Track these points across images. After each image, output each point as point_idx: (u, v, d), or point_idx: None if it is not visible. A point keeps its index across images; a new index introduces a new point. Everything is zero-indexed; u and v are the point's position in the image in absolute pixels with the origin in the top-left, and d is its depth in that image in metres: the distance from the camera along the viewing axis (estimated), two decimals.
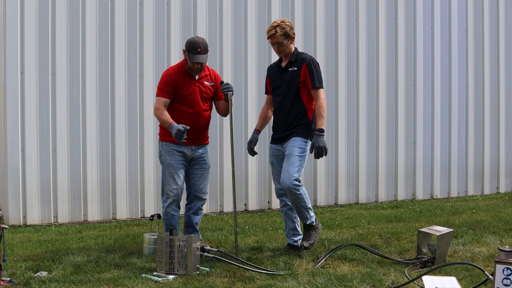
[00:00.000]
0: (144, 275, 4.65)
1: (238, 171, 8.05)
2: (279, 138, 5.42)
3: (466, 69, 10.16)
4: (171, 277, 4.59)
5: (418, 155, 9.71)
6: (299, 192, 5.17)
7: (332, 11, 8.99)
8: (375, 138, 9.34)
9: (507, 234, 6.22)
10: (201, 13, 8.10)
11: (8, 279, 4.48)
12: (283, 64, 5.45)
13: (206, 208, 8.14)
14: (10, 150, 7.14)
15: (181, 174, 5.45)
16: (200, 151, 5.54)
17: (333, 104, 8.96)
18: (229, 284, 4.43)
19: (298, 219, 5.52)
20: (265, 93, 5.75)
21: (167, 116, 5.29)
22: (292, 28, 5.38)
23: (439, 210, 8.17)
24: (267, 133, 8.71)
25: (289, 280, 4.48)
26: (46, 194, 7.31)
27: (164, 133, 5.44)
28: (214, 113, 5.75)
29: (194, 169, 5.56)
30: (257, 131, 5.61)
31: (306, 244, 5.31)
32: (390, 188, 9.49)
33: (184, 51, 5.42)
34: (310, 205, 5.34)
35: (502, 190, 10.57)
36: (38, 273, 4.73)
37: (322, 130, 5.19)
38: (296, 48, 5.46)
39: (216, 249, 4.84)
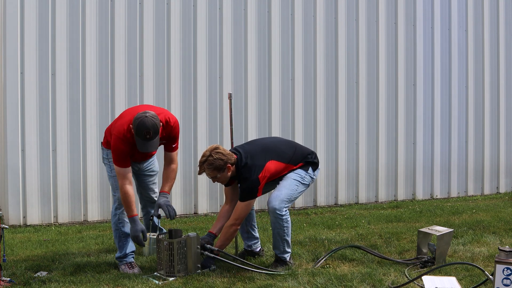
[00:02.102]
0: (145, 276, 4.65)
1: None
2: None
3: (466, 69, 10.16)
4: (171, 279, 4.59)
5: (418, 155, 9.71)
6: (282, 218, 4.77)
7: (332, 11, 8.99)
8: (375, 138, 9.34)
9: (507, 234, 6.22)
10: (201, 13, 8.10)
11: (8, 279, 4.48)
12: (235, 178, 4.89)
13: (206, 208, 8.14)
14: (10, 150, 7.14)
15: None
16: (146, 164, 5.25)
17: (333, 104, 8.96)
18: (229, 284, 4.42)
19: (251, 222, 5.21)
20: (225, 185, 4.99)
21: (132, 203, 4.72)
22: (224, 157, 4.67)
23: (439, 210, 8.17)
24: (267, 132, 8.72)
25: (289, 280, 4.48)
26: (46, 194, 7.31)
27: (109, 134, 4.96)
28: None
29: (143, 176, 5.27)
30: (212, 235, 4.86)
31: (273, 267, 4.88)
32: (390, 188, 9.49)
33: (131, 128, 4.66)
34: (289, 238, 4.89)
35: (502, 190, 10.57)
36: (38, 273, 4.73)
37: (216, 254, 4.71)
38: (237, 165, 4.76)
39: (216, 249, 4.82)
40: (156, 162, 5.38)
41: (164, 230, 5.43)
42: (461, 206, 8.66)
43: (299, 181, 4.93)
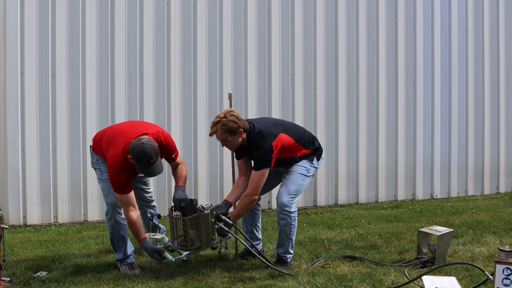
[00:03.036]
0: (159, 248, 4.65)
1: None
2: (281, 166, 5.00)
3: (466, 69, 10.16)
4: (185, 253, 4.59)
5: (418, 155, 9.71)
6: (290, 215, 4.81)
7: (332, 11, 8.99)
8: (375, 138, 9.34)
9: (507, 234, 6.22)
10: (201, 13, 8.10)
11: (8, 279, 4.48)
12: (246, 147, 4.88)
13: None
14: (10, 150, 7.14)
15: None
16: None
17: (333, 104, 8.96)
18: (229, 284, 4.43)
19: (256, 222, 5.20)
20: (237, 159, 5.04)
21: (140, 229, 4.75)
22: (238, 121, 4.70)
23: (439, 210, 8.18)
24: None
25: (289, 280, 4.48)
26: (46, 194, 7.31)
27: (99, 148, 4.97)
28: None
29: (137, 178, 5.17)
30: (228, 204, 4.86)
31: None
32: (390, 188, 9.49)
33: (129, 157, 4.61)
34: (294, 238, 4.92)
35: (502, 190, 10.57)
36: (38, 273, 4.73)
37: (230, 225, 4.68)
38: (248, 133, 4.80)
39: (231, 222, 4.70)
40: None
41: (164, 229, 5.45)
42: (461, 206, 8.66)
43: (304, 175, 4.95)
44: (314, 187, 8.81)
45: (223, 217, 4.74)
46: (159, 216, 5.27)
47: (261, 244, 5.33)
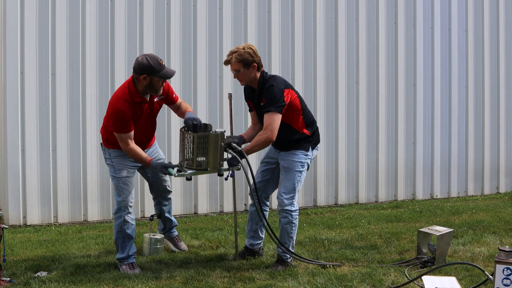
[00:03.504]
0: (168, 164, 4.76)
1: (238, 171, 8.03)
2: (278, 146, 5.08)
3: (466, 69, 10.16)
4: (189, 171, 4.62)
5: (418, 155, 9.71)
6: (291, 214, 4.88)
7: (332, 11, 8.99)
8: (375, 138, 9.34)
9: (507, 234, 6.23)
10: (201, 13, 8.10)
11: (8, 279, 4.49)
12: (256, 92, 5.01)
13: (206, 208, 8.15)
14: (10, 150, 7.14)
15: (133, 179, 5.12)
16: (151, 149, 5.27)
17: (333, 104, 8.96)
18: (229, 284, 4.43)
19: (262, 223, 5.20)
20: (249, 111, 5.26)
21: (142, 152, 4.88)
22: (254, 56, 4.83)
23: (439, 210, 8.18)
24: None
25: (289, 280, 4.49)
26: (46, 194, 7.31)
27: (112, 141, 5.01)
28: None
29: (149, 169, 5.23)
30: (242, 139, 4.97)
31: (274, 267, 4.90)
32: (390, 188, 9.49)
33: (142, 78, 4.82)
34: (294, 237, 4.96)
35: (502, 190, 10.57)
36: (38, 273, 4.73)
37: (242, 153, 4.72)
38: (262, 74, 4.93)
39: (240, 148, 4.72)
40: (160, 150, 5.45)
41: (176, 222, 5.55)
42: (461, 206, 8.66)
43: (300, 170, 4.95)
44: (314, 187, 8.81)
45: (235, 145, 4.73)
46: (159, 216, 5.28)
47: (262, 243, 5.33)
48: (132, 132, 4.85)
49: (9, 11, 7.11)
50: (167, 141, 7.79)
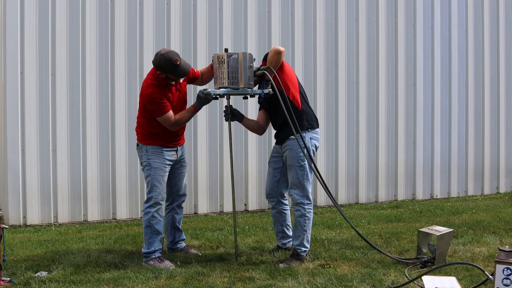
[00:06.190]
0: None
1: (238, 171, 8.04)
2: (277, 135, 5.32)
3: (466, 69, 10.16)
4: (222, 90, 5.04)
5: (418, 155, 9.71)
6: (305, 207, 5.11)
7: (332, 11, 8.99)
8: (375, 138, 9.34)
9: (507, 234, 6.22)
10: (201, 13, 8.10)
11: (8, 279, 4.49)
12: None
13: (206, 208, 8.15)
14: (10, 150, 7.14)
15: (166, 178, 5.30)
16: (182, 150, 5.48)
17: (333, 104, 8.96)
18: (229, 284, 4.43)
19: (286, 222, 5.44)
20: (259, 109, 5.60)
21: (184, 111, 5.24)
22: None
23: (439, 210, 8.18)
24: (267, 133, 8.70)
25: (289, 280, 4.48)
26: (46, 194, 7.31)
27: (150, 137, 5.24)
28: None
29: (176, 168, 5.43)
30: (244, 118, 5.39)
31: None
32: (390, 188, 9.49)
33: (159, 73, 5.10)
34: (308, 231, 5.13)
35: (502, 190, 10.57)
36: (38, 273, 4.73)
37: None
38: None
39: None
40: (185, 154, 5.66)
41: (184, 237, 5.69)
42: (461, 206, 8.66)
43: (301, 165, 5.11)
44: (314, 187, 8.81)
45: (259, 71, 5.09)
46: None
47: (291, 240, 5.41)
48: (171, 111, 5.12)
49: (9, 11, 7.11)
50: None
